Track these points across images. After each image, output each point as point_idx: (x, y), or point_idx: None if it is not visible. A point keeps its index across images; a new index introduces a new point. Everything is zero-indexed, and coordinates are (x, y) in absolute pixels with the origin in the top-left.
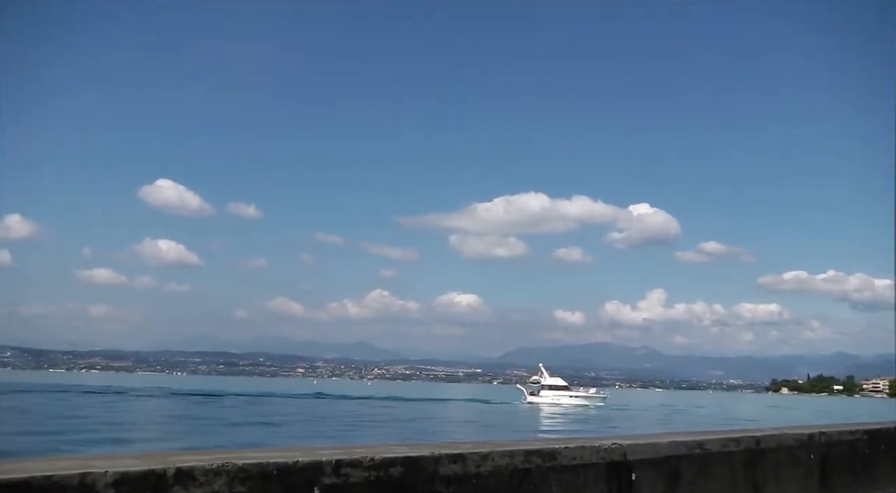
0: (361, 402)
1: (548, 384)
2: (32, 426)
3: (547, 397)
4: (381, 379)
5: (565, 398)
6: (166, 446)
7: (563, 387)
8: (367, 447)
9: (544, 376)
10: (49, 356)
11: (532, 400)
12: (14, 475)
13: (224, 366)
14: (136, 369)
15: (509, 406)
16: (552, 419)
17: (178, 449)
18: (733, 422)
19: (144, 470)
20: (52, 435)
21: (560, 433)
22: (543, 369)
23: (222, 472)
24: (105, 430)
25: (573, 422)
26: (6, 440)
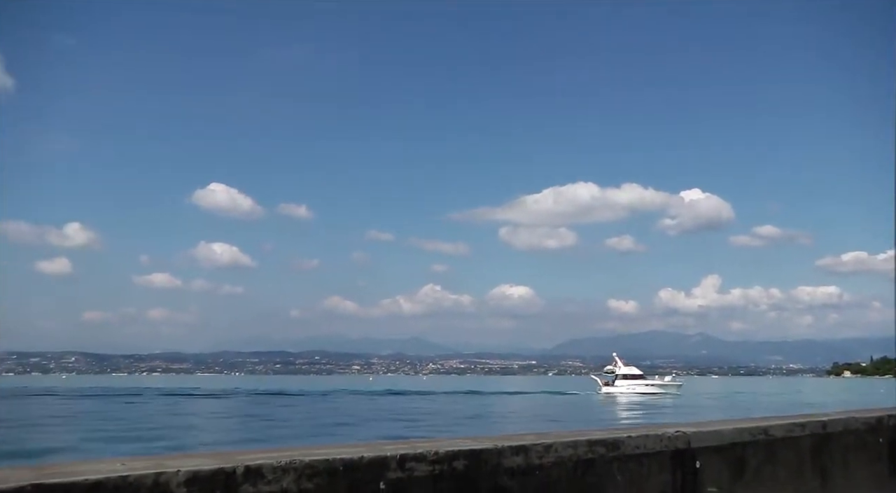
0: (431, 398)
1: (623, 374)
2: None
3: (622, 386)
4: (436, 374)
5: (641, 387)
6: (239, 445)
7: (639, 376)
8: (430, 441)
9: (619, 366)
10: (112, 361)
11: (608, 390)
12: (91, 475)
13: (281, 365)
14: (195, 370)
15: (586, 397)
16: (631, 410)
17: (246, 448)
18: (810, 407)
19: (214, 469)
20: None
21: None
22: (618, 359)
23: (290, 469)
24: (188, 430)
25: (656, 411)
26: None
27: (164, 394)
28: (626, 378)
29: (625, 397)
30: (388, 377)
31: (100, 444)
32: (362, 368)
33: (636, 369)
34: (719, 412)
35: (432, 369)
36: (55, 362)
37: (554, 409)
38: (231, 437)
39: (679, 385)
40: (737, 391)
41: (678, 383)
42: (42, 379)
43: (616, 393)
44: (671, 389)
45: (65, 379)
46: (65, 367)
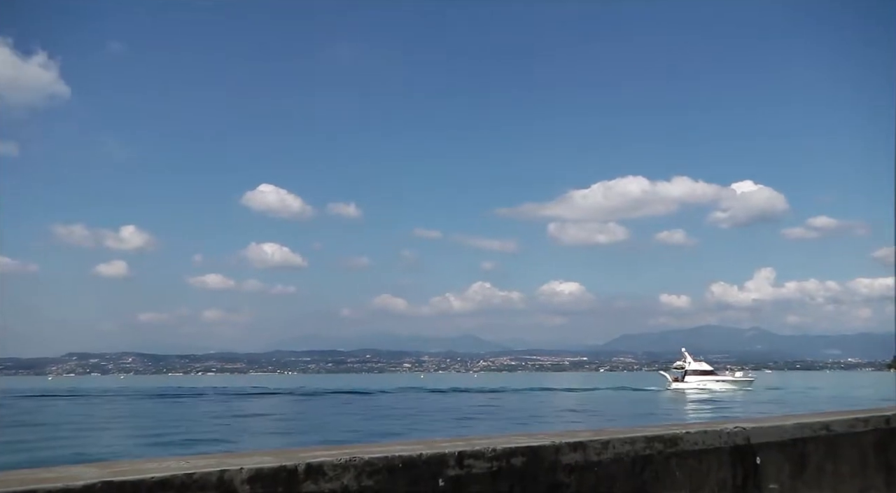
0: (496, 395)
1: (693, 369)
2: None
3: (692, 382)
4: (487, 371)
5: (711, 383)
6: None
7: (709, 372)
8: (488, 438)
9: (689, 362)
10: (167, 361)
11: (677, 386)
12: (156, 473)
13: (333, 364)
14: (249, 370)
15: (655, 394)
16: (704, 406)
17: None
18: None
19: (276, 467)
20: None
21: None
22: (687, 355)
23: (350, 466)
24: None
25: (729, 407)
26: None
27: (235, 394)
28: (697, 374)
29: (695, 393)
30: (438, 375)
31: (164, 443)
32: (413, 366)
33: (706, 364)
34: (801, 409)
35: (483, 366)
36: (113, 362)
37: (623, 406)
38: (290, 435)
39: (751, 380)
40: (812, 387)
41: (750, 379)
42: (101, 380)
43: (686, 389)
44: (743, 384)
45: (122, 379)
46: (122, 367)
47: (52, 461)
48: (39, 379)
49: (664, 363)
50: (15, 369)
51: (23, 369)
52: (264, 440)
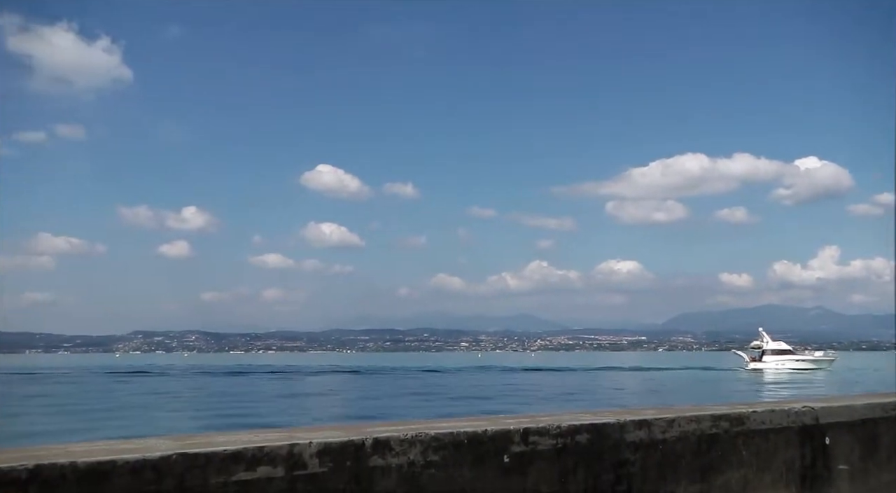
0: (566, 374)
1: (771, 349)
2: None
3: (770, 362)
4: (545, 350)
5: (790, 363)
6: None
7: (787, 351)
8: (552, 416)
9: (766, 341)
10: (229, 339)
11: (755, 366)
12: (229, 446)
13: (390, 343)
14: (308, 348)
15: (732, 373)
16: (786, 386)
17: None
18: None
19: (344, 441)
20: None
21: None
22: (765, 334)
23: (416, 442)
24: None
25: (813, 386)
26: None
27: (296, 372)
28: (775, 353)
29: (773, 373)
30: (495, 354)
31: (229, 417)
32: (470, 345)
33: (784, 343)
34: (886, 388)
35: (540, 345)
36: (177, 340)
37: (704, 387)
38: (354, 411)
39: (832, 360)
40: (877, 369)
41: (830, 358)
42: (166, 357)
43: (764, 369)
44: (823, 363)
45: (186, 357)
46: (186, 345)
47: (126, 434)
48: (107, 356)
49: (724, 343)
50: (85, 346)
51: (92, 346)
52: (327, 417)
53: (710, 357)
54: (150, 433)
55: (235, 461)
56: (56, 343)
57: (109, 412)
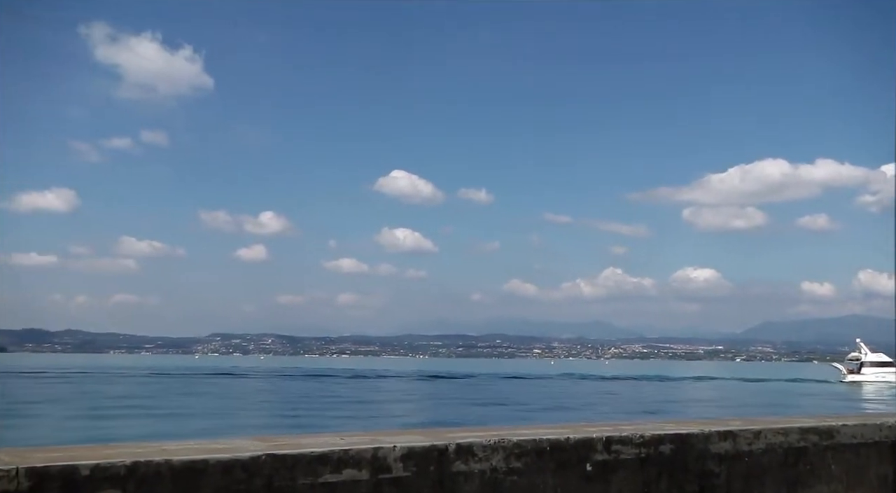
0: (644, 383)
1: (871, 361)
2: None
3: (870, 374)
4: (619, 358)
5: (892, 376)
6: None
7: (889, 363)
8: (635, 424)
9: (865, 353)
10: (304, 343)
11: (853, 379)
12: (316, 448)
13: (463, 348)
14: (381, 353)
15: (829, 386)
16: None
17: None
18: None
19: (428, 446)
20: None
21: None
22: (863, 345)
23: (499, 448)
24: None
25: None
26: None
27: (371, 376)
28: (876, 366)
29: (873, 386)
30: (568, 361)
31: (308, 419)
32: (543, 351)
33: (885, 355)
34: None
35: (614, 353)
36: (254, 343)
37: (794, 398)
38: (431, 416)
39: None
40: None
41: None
42: (243, 359)
43: (863, 382)
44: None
45: (263, 359)
46: (262, 348)
47: (211, 434)
48: (188, 358)
49: (805, 354)
50: (166, 347)
51: (173, 347)
52: (405, 422)
53: (792, 368)
54: (231, 434)
55: (322, 463)
56: (139, 344)
57: (195, 412)
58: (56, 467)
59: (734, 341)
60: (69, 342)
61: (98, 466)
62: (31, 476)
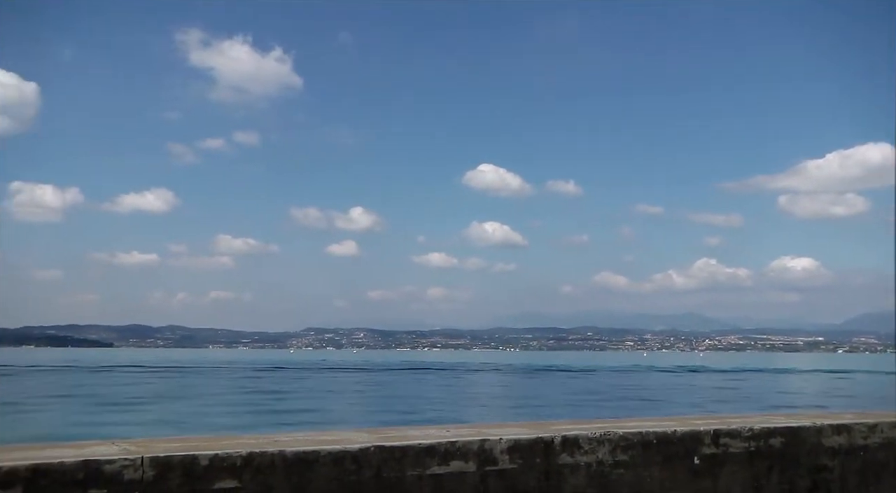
0: (744, 375)
1: None
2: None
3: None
4: (713, 350)
5: None
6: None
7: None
8: (743, 417)
9: None
10: (396, 337)
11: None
12: (423, 440)
13: (554, 341)
14: (472, 346)
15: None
16: None
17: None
18: None
19: (533, 438)
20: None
21: None
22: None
23: (604, 441)
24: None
25: None
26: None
27: (485, 369)
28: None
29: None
30: (662, 354)
31: (407, 413)
32: (635, 344)
33: None
34: None
35: (709, 345)
36: (346, 337)
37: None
38: (528, 409)
39: None
40: None
41: None
42: (336, 353)
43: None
44: None
45: (355, 353)
46: (355, 342)
47: (315, 426)
48: (282, 352)
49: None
50: (262, 342)
51: (268, 342)
52: (503, 415)
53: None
54: (332, 426)
55: (429, 455)
56: (236, 339)
57: (293, 407)
58: (177, 457)
59: (835, 332)
60: (170, 338)
61: (216, 456)
62: (155, 466)
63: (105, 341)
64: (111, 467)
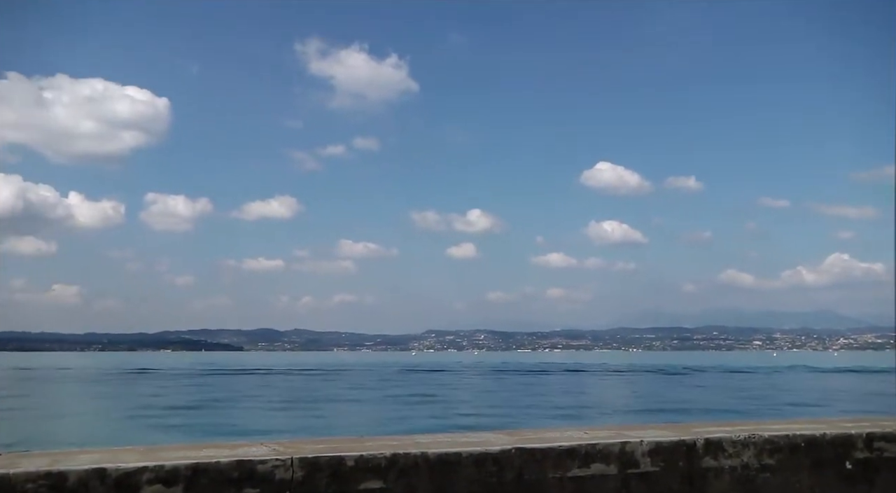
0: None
1: None
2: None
3: None
4: (848, 349)
5: None
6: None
7: None
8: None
9: None
10: (516, 338)
11: None
12: (563, 442)
13: (678, 341)
14: (593, 347)
15: None
16: None
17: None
18: None
19: (675, 441)
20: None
21: None
22: None
23: (749, 444)
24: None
25: None
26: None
27: (610, 370)
28: None
29: None
30: (792, 353)
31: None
32: (764, 343)
33: None
34: None
35: (843, 343)
36: (467, 339)
37: None
38: (660, 411)
39: None
40: None
41: None
42: (457, 355)
43: None
44: None
45: (476, 355)
46: (475, 344)
47: (440, 427)
48: (404, 354)
49: None
50: (384, 344)
51: (390, 344)
52: (631, 416)
53: None
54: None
55: (570, 457)
56: (359, 342)
57: (419, 410)
58: (325, 458)
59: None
60: (297, 341)
61: (361, 457)
62: (304, 466)
63: (236, 344)
64: (263, 467)
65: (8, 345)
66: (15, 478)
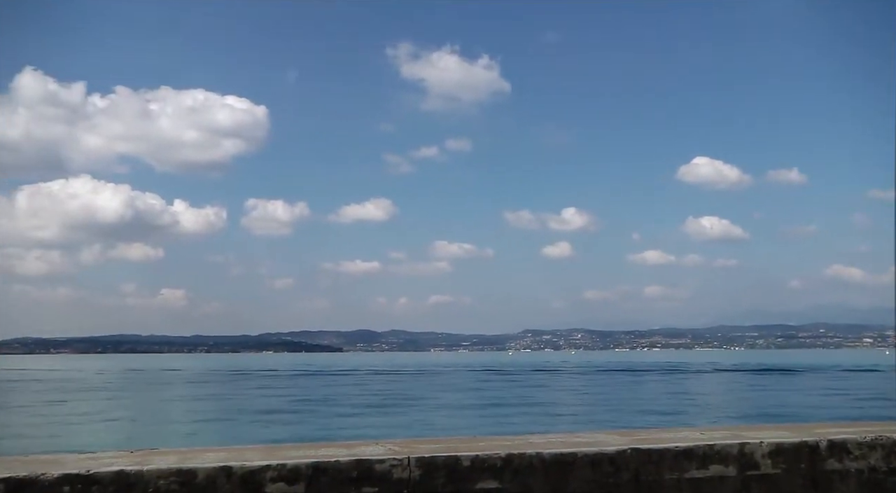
0: None
1: None
2: None
3: None
4: None
5: None
6: None
7: None
8: None
9: None
10: (613, 337)
11: None
12: (680, 443)
13: (782, 339)
14: (693, 345)
15: None
16: None
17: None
18: None
19: (797, 442)
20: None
21: None
22: None
23: (876, 446)
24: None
25: None
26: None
27: (681, 370)
28: None
29: None
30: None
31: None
32: (875, 341)
33: None
34: None
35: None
36: (564, 338)
37: None
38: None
39: None
40: None
41: None
42: (554, 355)
43: None
44: None
45: (573, 355)
46: (572, 343)
47: (544, 427)
48: (501, 354)
49: None
50: (481, 344)
51: (487, 344)
52: (742, 418)
53: None
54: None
55: (687, 459)
56: (456, 342)
57: (520, 411)
58: (441, 457)
59: None
60: (394, 342)
61: (477, 457)
62: (421, 465)
63: (335, 345)
64: (381, 466)
65: (121, 347)
66: (148, 474)
